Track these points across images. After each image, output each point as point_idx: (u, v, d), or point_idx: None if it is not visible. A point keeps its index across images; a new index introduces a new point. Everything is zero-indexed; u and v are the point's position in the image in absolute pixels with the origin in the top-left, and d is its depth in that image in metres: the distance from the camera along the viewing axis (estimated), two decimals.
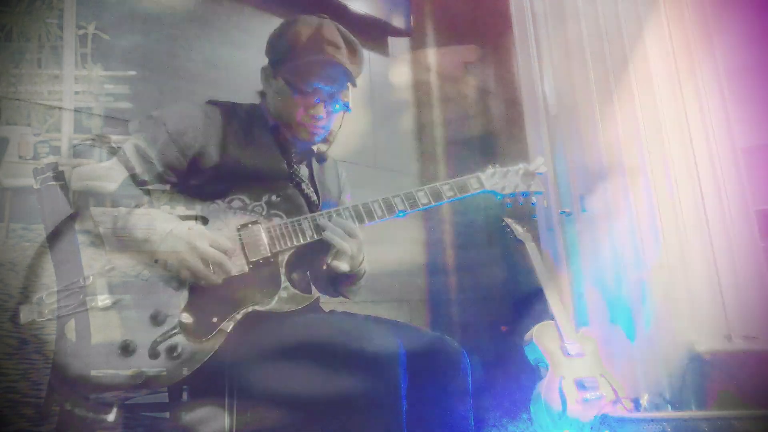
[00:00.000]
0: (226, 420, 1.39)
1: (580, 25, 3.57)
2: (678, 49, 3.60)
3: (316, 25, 1.72)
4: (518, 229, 3.27)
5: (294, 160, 1.82)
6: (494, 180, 1.92)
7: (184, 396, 1.44)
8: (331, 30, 1.72)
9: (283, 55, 1.72)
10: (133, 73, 2.61)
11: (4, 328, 1.85)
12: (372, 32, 3.72)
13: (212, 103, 1.77)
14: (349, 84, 1.75)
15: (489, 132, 4.38)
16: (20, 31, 2.35)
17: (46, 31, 2.39)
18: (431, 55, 4.17)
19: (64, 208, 1.55)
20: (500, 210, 3.47)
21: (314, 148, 1.88)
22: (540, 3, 3.78)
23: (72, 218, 1.54)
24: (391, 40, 3.88)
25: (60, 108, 2.41)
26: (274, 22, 1.81)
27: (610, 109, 3.42)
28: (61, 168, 1.58)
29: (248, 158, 1.68)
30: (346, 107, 1.79)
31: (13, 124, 2.26)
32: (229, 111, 1.76)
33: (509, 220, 3.33)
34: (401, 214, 1.75)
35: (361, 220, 1.70)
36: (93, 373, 1.33)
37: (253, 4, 3.13)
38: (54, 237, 1.51)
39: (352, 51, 1.74)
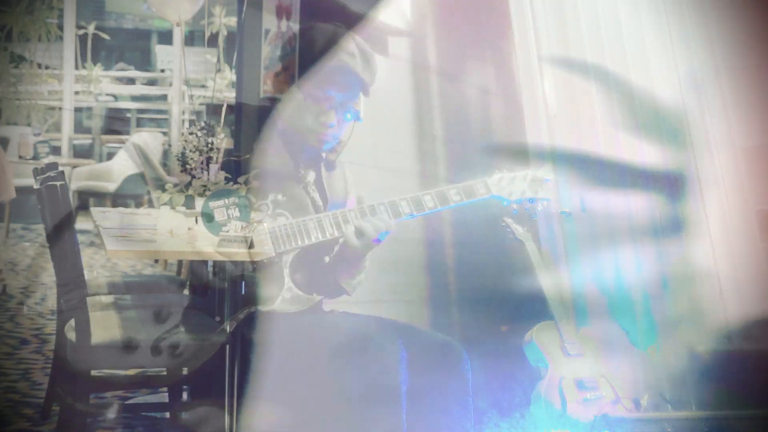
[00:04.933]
0: (226, 420, 1.39)
1: (580, 25, 3.57)
2: (678, 49, 3.59)
3: (331, 33, 1.73)
4: (518, 229, 3.26)
5: (302, 164, 1.83)
6: (501, 185, 1.95)
7: (184, 396, 1.44)
8: (346, 38, 1.74)
9: (297, 62, 1.75)
10: (133, 73, 2.61)
11: (4, 328, 1.84)
12: (372, 32, 3.71)
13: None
14: (361, 94, 1.77)
15: (489, 132, 4.36)
16: (20, 31, 2.34)
17: (46, 31, 2.38)
18: (431, 55, 4.16)
19: (64, 208, 1.55)
20: (501, 210, 3.47)
21: (323, 154, 1.89)
22: (540, 3, 3.78)
23: (73, 217, 1.55)
24: (391, 40, 3.88)
25: (60, 108, 2.40)
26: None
27: (609, 108, 3.41)
28: (61, 168, 1.58)
29: (256, 159, 1.70)
30: (357, 117, 1.82)
31: (13, 124, 2.26)
32: (239, 113, 1.78)
33: (509, 220, 3.32)
34: (407, 217, 1.77)
35: None
36: (94, 369, 1.34)
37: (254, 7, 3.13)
38: (56, 234, 1.52)
39: (366, 60, 1.76)
